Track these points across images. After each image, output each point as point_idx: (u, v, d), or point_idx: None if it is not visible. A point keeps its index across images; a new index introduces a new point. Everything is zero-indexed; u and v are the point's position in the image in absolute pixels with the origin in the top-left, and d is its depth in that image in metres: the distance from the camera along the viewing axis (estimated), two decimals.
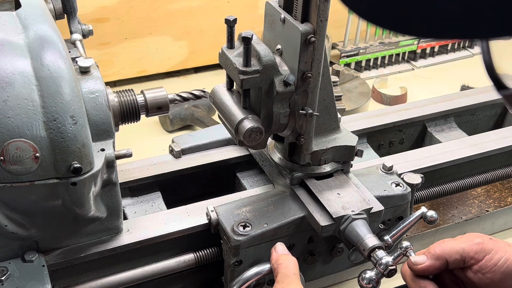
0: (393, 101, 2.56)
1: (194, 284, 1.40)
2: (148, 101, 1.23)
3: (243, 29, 1.16)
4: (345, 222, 1.22)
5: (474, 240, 1.03)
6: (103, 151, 1.11)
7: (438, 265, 1.04)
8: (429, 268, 1.05)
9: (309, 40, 1.12)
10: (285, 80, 1.16)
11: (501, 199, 1.76)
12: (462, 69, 2.94)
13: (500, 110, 1.99)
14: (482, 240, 1.03)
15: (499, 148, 1.68)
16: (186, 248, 1.32)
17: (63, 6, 1.51)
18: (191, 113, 2.28)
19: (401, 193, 1.35)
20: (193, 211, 1.35)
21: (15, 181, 1.01)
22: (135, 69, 2.62)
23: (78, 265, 1.22)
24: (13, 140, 0.98)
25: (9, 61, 1.01)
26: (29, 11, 1.14)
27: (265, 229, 1.23)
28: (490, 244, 1.01)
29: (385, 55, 2.86)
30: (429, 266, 1.04)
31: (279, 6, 1.20)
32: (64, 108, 1.01)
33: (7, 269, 1.12)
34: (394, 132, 1.82)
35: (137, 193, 1.46)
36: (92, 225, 1.21)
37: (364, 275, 1.14)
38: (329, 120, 1.32)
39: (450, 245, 1.04)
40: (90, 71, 1.14)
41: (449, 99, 1.91)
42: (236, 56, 1.17)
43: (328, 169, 1.34)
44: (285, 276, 1.11)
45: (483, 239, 1.03)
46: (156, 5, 2.51)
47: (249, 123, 1.18)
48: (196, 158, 1.53)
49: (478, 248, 1.01)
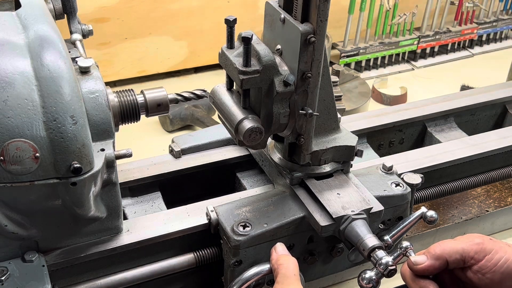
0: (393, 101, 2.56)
1: (194, 284, 1.40)
2: (148, 101, 1.23)
3: (243, 29, 1.16)
4: (345, 222, 1.22)
5: (474, 240, 1.03)
6: (103, 151, 1.11)
7: (438, 265, 1.04)
8: (429, 268, 1.05)
9: (309, 40, 1.12)
10: (285, 80, 1.16)
11: (501, 199, 1.76)
12: (462, 69, 2.94)
13: (500, 110, 1.99)
14: (482, 240, 1.03)
15: (499, 148, 1.68)
16: (186, 248, 1.32)
17: (63, 6, 1.51)
18: (191, 113, 2.28)
19: (401, 193, 1.35)
20: (193, 211, 1.35)
21: (15, 181, 1.01)
22: (135, 69, 2.62)
23: (78, 265, 1.22)
24: (13, 140, 0.99)
25: (9, 61, 1.01)
26: (29, 11, 1.14)
27: (265, 229, 1.23)
28: (490, 244, 1.01)
29: (385, 55, 2.86)
30: (429, 266, 1.04)
31: (279, 6, 1.20)
32: (64, 108, 1.01)
33: (7, 269, 1.12)
34: (394, 132, 1.82)
35: (137, 193, 1.46)
36: (92, 225, 1.21)
37: (364, 275, 1.14)
38: (329, 120, 1.32)
39: (450, 245, 1.04)
40: (90, 71, 1.14)
41: (449, 99, 1.91)
42: (236, 56, 1.17)
43: (328, 169, 1.34)
44: (285, 277, 1.11)
45: (483, 240, 1.03)
46: (156, 5, 2.51)
47: (249, 123, 1.18)
48: (196, 158, 1.53)
49: (478, 248, 1.01)
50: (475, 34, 3.06)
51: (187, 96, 1.32)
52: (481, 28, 3.07)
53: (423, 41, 2.91)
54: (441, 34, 2.96)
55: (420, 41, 2.90)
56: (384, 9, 2.76)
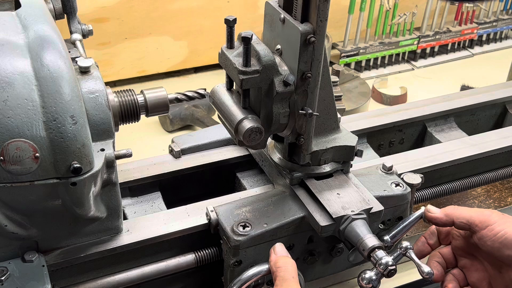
0: (393, 101, 2.56)
1: (194, 284, 1.40)
2: (148, 101, 1.23)
3: (243, 29, 1.16)
4: (345, 222, 1.22)
5: (484, 212, 1.18)
6: (103, 151, 1.11)
7: (445, 221, 1.23)
8: (436, 219, 1.24)
9: (309, 40, 1.12)
10: (284, 80, 1.16)
11: (501, 199, 1.76)
12: (462, 69, 2.94)
13: (500, 110, 1.99)
14: (491, 213, 1.18)
15: (499, 148, 1.68)
16: (186, 248, 1.32)
17: (63, 6, 1.51)
18: (191, 113, 2.28)
19: (401, 193, 1.35)
20: (193, 211, 1.35)
21: (15, 181, 1.01)
22: (135, 69, 2.62)
23: (78, 265, 1.22)
24: (13, 140, 0.99)
25: (9, 61, 1.01)
26: (29, 11, 1.13)
27: (265, 229, 1.23)
28: (496, 217, 1.16)
29: (385, 55, 2.86)
30: (436, 218, 1.24)
31: (278, 6, 1.20)
32: (64, 108, 1.01)
33: (7, 269, 1.12)
34: (394, 132, 1.82)
35: (137, 193, 1.46)
36: (92, 225, 1.21)
37: (364, 275, 1.14)
38: (329, 120, 1.32)
39: (461, 210, 1.21)
40: (90, 71, 1.14)
41: (449, 99, 1.91)
42: (236, 56, 1.17)
43: (328, 169, 1.34)
44: (284, 280, 1.11)
45: (493, 213, 1.18)
46: (156, 5, 2.51)
47: (249, 123, 1.18)
48: (196, 158, 1.53)
49: (483, 219, 1.16)
50: (475, 34, 3.06)
51: (187, 96, 1.32)
52: (481, 28, 3.07)
53: (423, 41, 2.91)
54: (441, 34, 2.96)
55: (420, 41, 2.90)
56: (384, 9, 2.76)
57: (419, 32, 2.92)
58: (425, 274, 1.15)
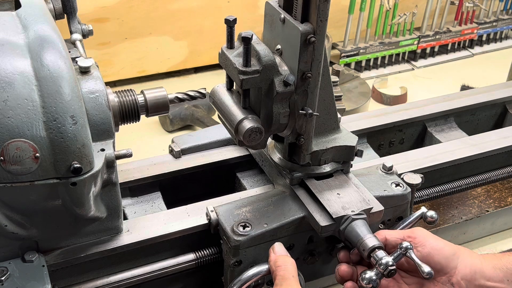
0: (393, 101, 2.56)
1: (194, 284, 1.40)
2: (148, 101, 1.23)
3: (243, 29, 1.16)
4: (345, 222, 1.22)
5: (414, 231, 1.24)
6: (103, 151, 1.11)
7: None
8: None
9: (309, 40, 1.12)
10: (285, 80, 1.16)
11: (501, 199, 1.76)
12: (462, 69, 2.94)
13: (500, 110, 1.99)
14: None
15: (499, 148, 1.68)
16: (186, 248, 1.32)
17: (63, 6, 1.51)
18: (191, 113, 2.28)
19: (401, 193, 1.35)
20: (193, 211, 1.35)
21: (15, 181, 1.01)
22: (135, 69, 2.62)
23: (78, 265, 1.22)
24: (13, 140, 0.99)
25: (9, 61, 1.01)
26: (29, 11, 1.14)
27: (265, 229, 1.23)
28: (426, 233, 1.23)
29: (385, 55, 2.86)
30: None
31: (279, 6, 1.20)
32: (64, 108, 1.01)
33: (7, 269, 1.12)
34: (394, 132, 1.82)
35: (137, 193, 1.46)
36: (92, 225, 1.21)
37: (364, 275, 1.14)
38: (329, 120, 1.32)
39: (392, 232, 1.25)
40: (90, 71, 1.14)
41: (449, 99, 1.91)
42: (236, 56, 1.17)
43: (328, 169, 1.34)
44: (284, 279, 1.11)
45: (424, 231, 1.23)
46: (156, 5, 2.51)
47: (249, 123, 1.18)
48: (196, 158, 1.53)
49: (410, 233, 1.21)
50: (475, 34, 3.06)
51: (187, 96, 1.32)
52: (481, 28, 3.07)
53: (423, 41, 2.91)
54: (441, 34, 2.96)
55: (420, 41, 2.90)
56: (384, 9, 2.76)
57: (419, 32, 2.92)
58: (425, 274, 1.15)
